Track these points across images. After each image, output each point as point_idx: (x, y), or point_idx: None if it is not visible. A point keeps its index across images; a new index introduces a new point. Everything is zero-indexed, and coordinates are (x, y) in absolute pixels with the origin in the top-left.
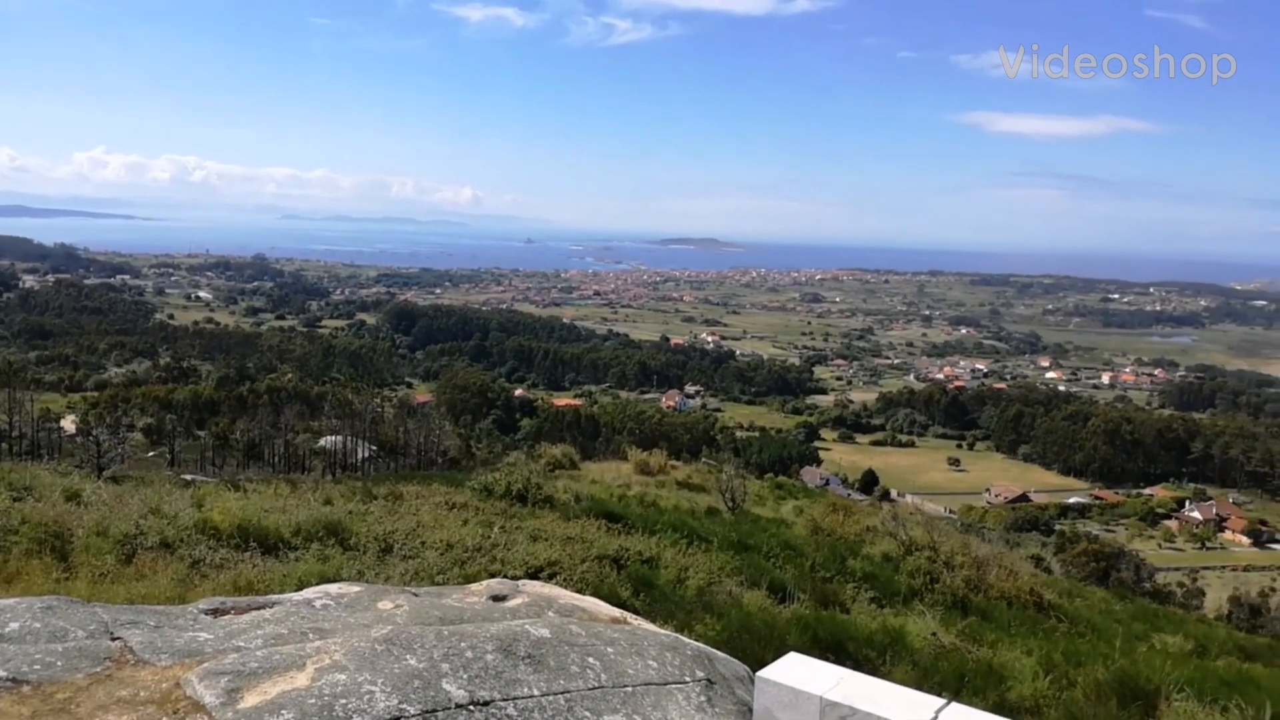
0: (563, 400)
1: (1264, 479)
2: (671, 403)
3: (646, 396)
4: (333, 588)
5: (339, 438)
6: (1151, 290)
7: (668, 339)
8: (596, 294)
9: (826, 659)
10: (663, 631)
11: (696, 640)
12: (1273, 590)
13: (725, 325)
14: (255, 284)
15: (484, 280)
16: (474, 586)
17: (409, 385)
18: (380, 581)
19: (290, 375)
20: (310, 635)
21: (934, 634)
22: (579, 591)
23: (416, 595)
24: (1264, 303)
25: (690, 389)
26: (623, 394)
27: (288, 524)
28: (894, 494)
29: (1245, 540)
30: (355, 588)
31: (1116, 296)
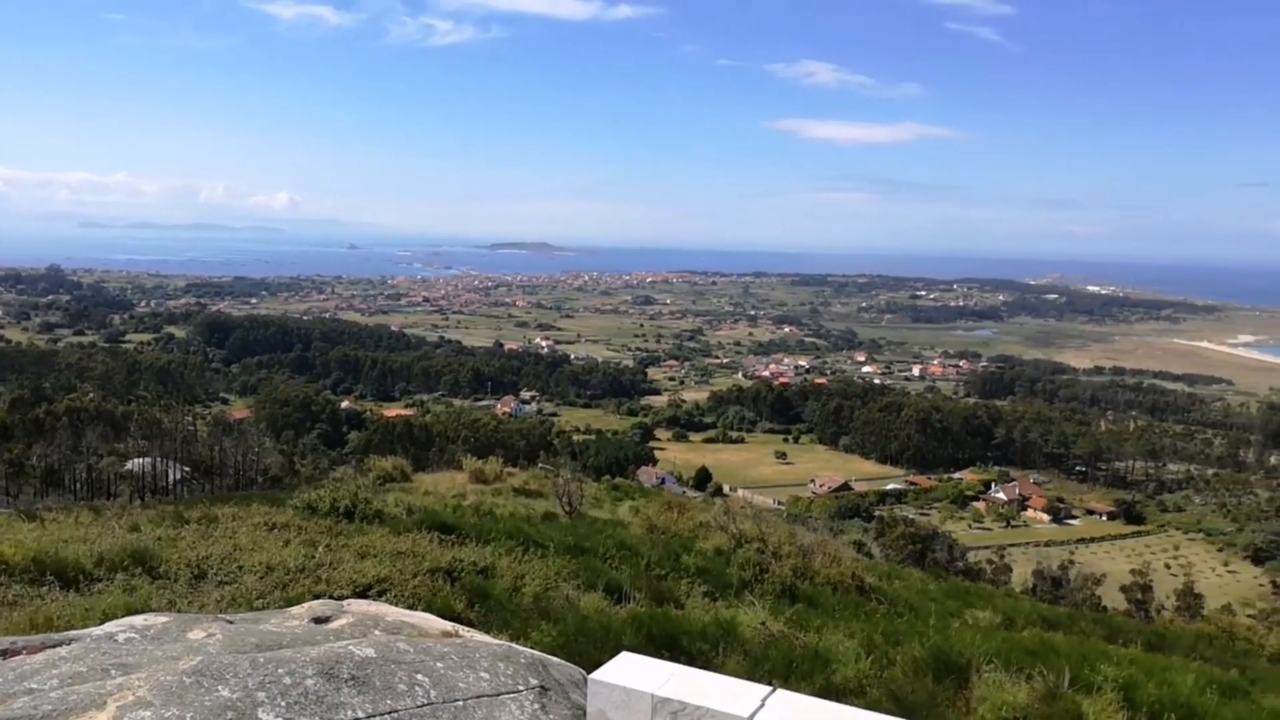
0: (393, 411)
1: (1060, 460)
2: (507, 409)
3: (481, 404)
4: (138, 620)
5: (148, 460)
6: (955, 287)
7: (501, 344)
8: (426, 300)
9: (661, 656)
10: (496, 642)
11: (532, 648)
12: (1071, 563)
13: (559, 329)
14: (50, 297)
15: (304, 288)
16: (295, 610)
17: (224, 401)
18: (194, 610)
19: (92, 395)
20: (112, 671)
21: (764, 623)
22: (410, 607)
23: (231, 622)
24: (1055, 296)
25: (526, 394)
26: (456, 402)
27: (89, 554)
28: (726, 489)
29: (1045, 517)
30: (163, 618)
31: (924, 293)
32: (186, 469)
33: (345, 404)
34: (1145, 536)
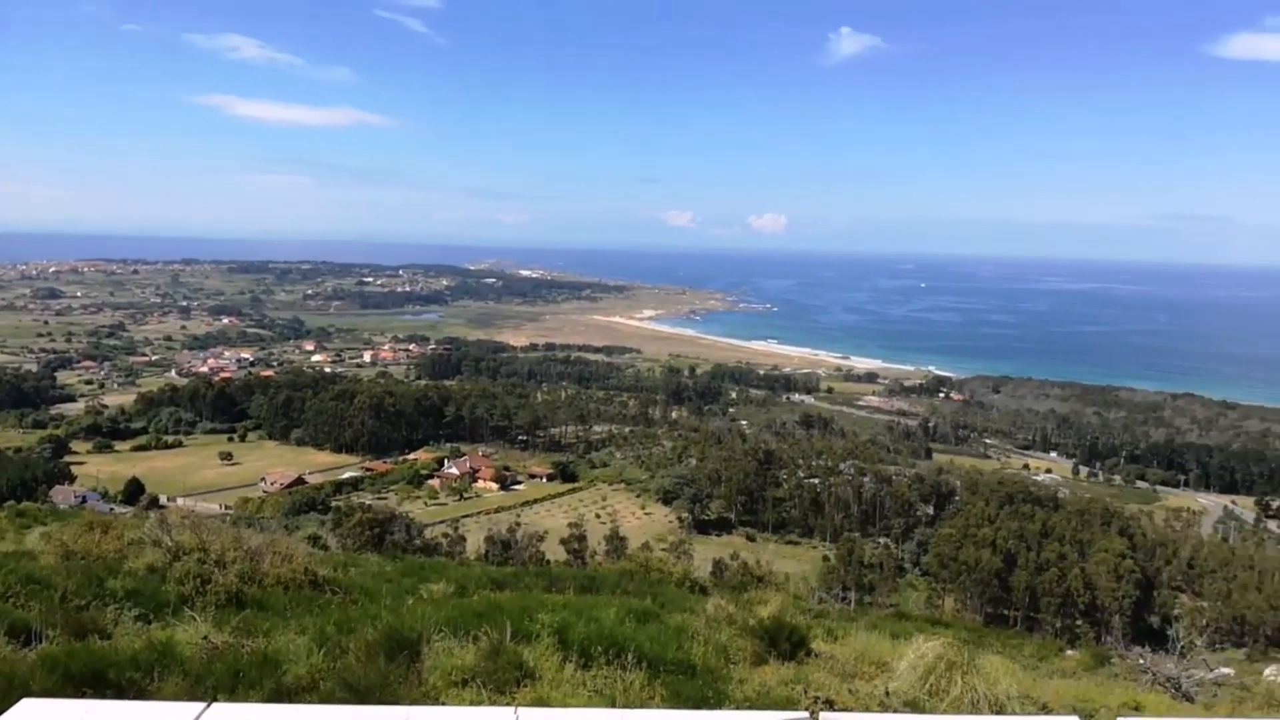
0: None
1: (505, 431)
2: None
3: None
4: None
5: None
6: (401, 272)
7: None
8: None
9: (85, 694)
10: None
11: None
12: (518, 525)
13: None
14: None
15: None
16: None
17: None
18: None
19: None
20: None
21: (206, 637)
22: None
23: None
24: (493, 280)
25: None
26: None
27: None
28: (164, 500)
29: (495, 486)
30: None
31: (371, 279)
32: None
33: None
34: (579, 492)
